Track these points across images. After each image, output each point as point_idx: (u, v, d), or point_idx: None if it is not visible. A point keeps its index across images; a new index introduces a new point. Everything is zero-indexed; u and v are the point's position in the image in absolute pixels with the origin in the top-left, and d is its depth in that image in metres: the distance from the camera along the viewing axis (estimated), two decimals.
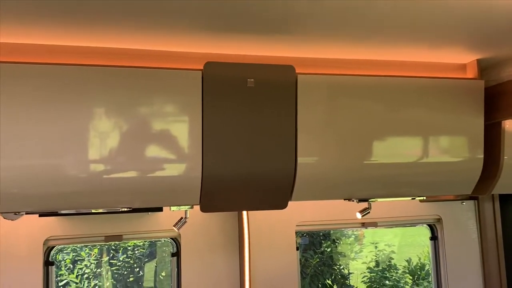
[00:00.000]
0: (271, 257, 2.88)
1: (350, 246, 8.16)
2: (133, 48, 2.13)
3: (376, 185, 2.45)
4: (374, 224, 3.06)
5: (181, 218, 2.46)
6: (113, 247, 6.82)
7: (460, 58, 2.47)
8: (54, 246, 2.71)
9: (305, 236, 6.70)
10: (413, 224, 3.35)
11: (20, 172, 1.96)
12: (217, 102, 2.12)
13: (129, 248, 6.70)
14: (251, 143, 2.20)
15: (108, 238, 2.74)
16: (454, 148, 2.48)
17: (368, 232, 9.24)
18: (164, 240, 5.46)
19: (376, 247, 7.96)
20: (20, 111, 1.92)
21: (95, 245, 6.85)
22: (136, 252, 6.77)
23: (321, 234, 7.76)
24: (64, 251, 6.65)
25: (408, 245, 9.73)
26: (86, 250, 6.79)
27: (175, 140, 2.13)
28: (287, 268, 2.90)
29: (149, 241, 6.77)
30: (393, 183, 2.46)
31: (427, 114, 2.40)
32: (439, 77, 2.45)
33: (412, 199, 2.76)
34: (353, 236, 8.37)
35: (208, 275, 2.82)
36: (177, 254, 2.87)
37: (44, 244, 2.61)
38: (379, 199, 2.57)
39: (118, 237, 2.75)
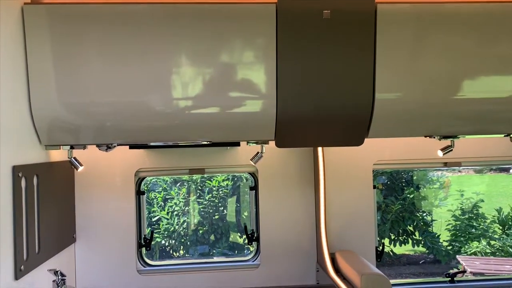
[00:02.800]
0: (347, 194, 2.89)
1: (434, 193, 7.90)
2: None
3: (462, 121, 2.32)
4: (458, 164, 2.92)
5: (258, 152, 2.54)
6: (199, 187, 7.27)
7: None
8: (145, 177, 2.96)
9: (383, 175, 6.58)
10: (501, 165, 3.13)
11: (113, 108, 2.16)
12: (292, 36, 2.11)
13: (214, 188, 7.09)
14: (327, 78, 2.17)
15: (192, 171, 2.93)
16: None
17: (455, 180, 8.84)
18: (245, 179, 5.70)
19: (462, 195, 7.62)
20: (113, 52, 2.09)
21: (183, 185, 7.36)
22: (221, 192, 7.16)
23: (404, 180, 7.57)
24: (156, 190, 7.23)
25: (500, 195, 9.18)
26: (175, 189, 7.32)
27: (251, 76, 2.17)
28: (363, 206, 2.91)
29: (232, 182, 7.11)
30: (481, 119, 2.31)
31: None
32: None
33: (506, 135, 2.54)
34: (438, 183, 8.06)
35: (284, 209, 2.93)
36: (255, 188, 3.00)
37: (135, 175, 2.87)
38: (463, 136, 2.43)
39: (201, 170, 2.93)
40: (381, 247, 2.97)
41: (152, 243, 3.01)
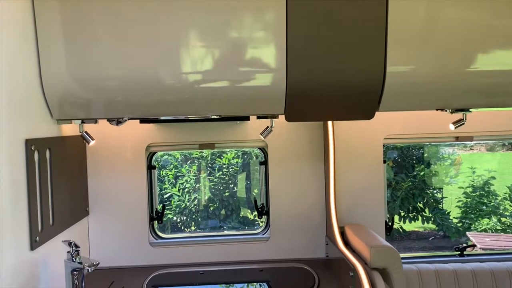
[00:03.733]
0: (357, 168, 2.89)
1: (445, 170, 7.85)
2: None
3: (474, 94, 2.29)
4: (470, 138, 2.89)
5: (267, 127, 2.55)
6: (209, 165, 7.32)
7: None
8: (156, 152, 2.99)
9: (394, 151, 6.56)
10: None
11: (123, 82, 2.16)
12: (302, 8, 2.07)
13: (224, 166, 7.13)
14: (337, 51, 2.15)
15: (202, 146, 2.95)
16: None
17: (466, 157, 8.77)
18: (255, 156, 5.72)
19: (474, 172, 7.57)
20: (123, 26, 2.09)
21: (194, 162, 7.41)
22: (231, 169, 7.20)
23: (414, 157, 7.53)
24: (167, 168, 7.30)
25: (511, 173, 9.11)
26: (186, 167, 7.37)
27: (261, 49, 2.15)
28: (373, 181, 2.91)
29: (242, 160, 7.14)
30: (494, 92, 2.27)
31: None
32: None
33: None
34: (449, 160, 8.01)
35: (294, 183, 2.94)
36: (265, 163, 3.01)
37: (146, 149, 2.90)
38: (476, 109, 2.40)
39: (211, 145, 2.95)
40: (390, 222, 2.98)
41: (164, 219, 3.06)
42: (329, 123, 2.78)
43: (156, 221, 3.02)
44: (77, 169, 2.70)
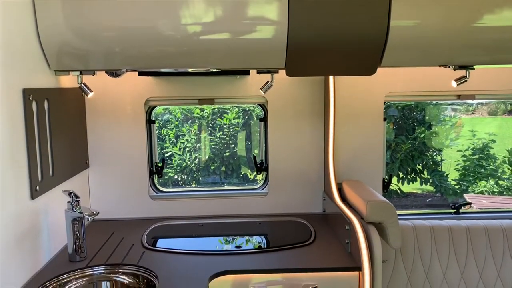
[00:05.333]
0: (357, 125, 2.88)
1: (445, 132, 7.85)
2: None
3: (479, 50, 2.25)
4: (471, 97, 2.86)
5: (267, 82, 2.52)
6: (210, 125, 7.32)
7: None
8: (155, 106, 2.97)
9: (394, 108, 6.52)
10: None
11: (121, 33, 2.13)
12: None
13: (225, 126, 7.13)
14: (340, 4, 2.10)
15: (202, 101, 2.93)
16: None
17: (468, 121, 8.74)
18: (256, 116, 5.71)
19: (474, 135, 7.56)
20: None
21: (194, 122, 7.40)
22: (231, 130, 7.20)
23: (415, 119, 7.51)
24: (168, 127, 7.30)
25: None
26: (186, 126, 7.37)
27: (262, 1, 2.10)
28: (372, 138, 2.91)
29: (243, 121, 7.13)
30: (499, 48, 2.23)
31: None
32: None
33: None
34: (450, 123, 7.98)
35: (293, 139, 2.94)
36: (265, 119, 3.00)
37: (145, 103, 2.88)
38: (479, 66, 2.37)
39: (210, 101, 2.93)
40: (388, 179, 3.01)
41: (165, 177, 3.08)
42: (330, 79, 2.74)
43: (156, 175, 3.04)
44: (76, 122, 2.70)
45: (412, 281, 2.70)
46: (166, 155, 7.09)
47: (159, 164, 3.05)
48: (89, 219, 2.23)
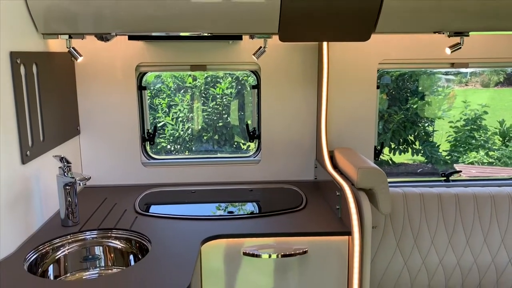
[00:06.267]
0: (350, 93, 2.87)
1: (438, 103, 7.87)
2: None
3: (475, 16, 2.23)
4: (465, 65, 2.85)
5: (260, 47, 2.49)
6: (203, 95, 7.25)
7: None
8: (146, 72, 2.93)
9: (387, 75, 6.50)
10: (510, 66, 3.03)
11: None
12: None
13: (218, 96, 7.08)
14: None
15: (194, 67, 2.89)
16: None
17: (461, 93, 8.75)
18: (249, 87, 5.66)
19: (467, 106, 7.59)
20: None
21: (187, 92, 7.34)
22: (224, 100, 7.15)
23: (409, 90, 7.50)
24: (160, 96, 7.24)
25: (504, 109, 9.18)
26: (179, 95, 7.31)
27: None
28: (365, 106, 2.90)
29: (236, 91, 7.07)
30: (495, 14, 2.21)
31: None
32: None
33: None
34: (443, 94, 8.00)
35: (286, 107, 2.93)
36: (257, 87, 2.98)
37: (136, 69, 2.84)
38: (474, 33, 2.35)
39: (202, 67, 2.89)
40: (379, 147, 3.02)
41: (158, 147, 3.06)
42: (324, 45, 2.71)
43: (148, 142, 3.03)
44: (66, 87, 2.66)
45: (401, 246, 2.76)
46: (158, 125, 7.06)
47: (151, 131, 3.04)
48: (81, 184, 2.23)
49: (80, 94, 2.81)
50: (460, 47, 2.40)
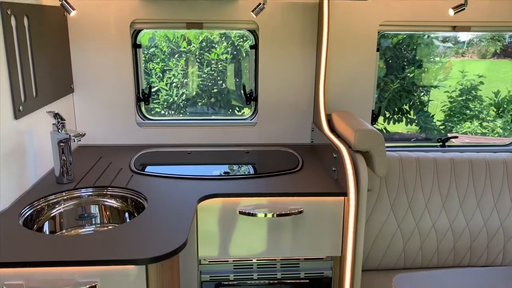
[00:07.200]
0: (349, 55, 2.82)
1: (434, 73, 7.83)
2: None
3: None
4: (467, 29, 2.80)
5: (259, 4, 2.42)
6: (198, 60, 7.13)
7: None
8: (141, 30, 2.85)
9: (387, 38, 6.43)
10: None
11: None
12: None
13: (213, 62, 6.96)
14: None
15: (190, 25, 2.82)
16: None
17: (458, 63, 8.70)
18: (245, 53, 5.56)
19: (464, 76, 7.56)
20: None
21: (181, 56, 7.21)
22: (220, 66, 7.04)
23: (406, 59, 7.44)
24: (154, 61, 7.11)
25: (500, 80, 9.16)
26: (173, 60, 7.18)
27: None
28: (364, 69, 2.86)
29: (232, 56, 6.96)
30: None
31: None
32: None
33: None
34: (440, 63, 7.95)
35: (284, 69, 2.88)
36: (255, 47, 2.92)
37: (130, 26, 2.76)
38: None
39: (199, 25, 2.82)
40: (377, 111, 3.00)
41: (152, 113, 3.02)
42: (325, 4, 2.64)
43: (143, 102, 2.99)
44: (59, 43, 2.59)
45: (395, 209, 2.78)
46: (152, 90, 6.97)
47: (145, 91, 2.98)
48: (76, 140, 2.19)
49: (73, 51, 2.74)
50: (464, 8, 2.34)
